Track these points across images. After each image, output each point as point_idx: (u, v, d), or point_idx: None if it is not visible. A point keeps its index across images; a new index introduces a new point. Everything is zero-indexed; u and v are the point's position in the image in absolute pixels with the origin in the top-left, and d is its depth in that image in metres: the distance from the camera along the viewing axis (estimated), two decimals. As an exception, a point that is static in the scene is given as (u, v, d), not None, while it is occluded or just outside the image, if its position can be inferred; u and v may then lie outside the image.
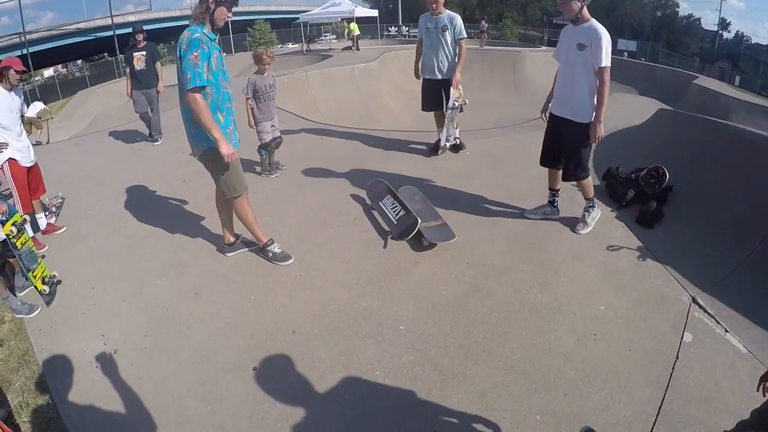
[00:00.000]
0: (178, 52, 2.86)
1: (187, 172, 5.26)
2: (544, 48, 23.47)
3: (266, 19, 37.18)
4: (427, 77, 5.12)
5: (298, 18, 30.04)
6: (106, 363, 2.69)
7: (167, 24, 36.35)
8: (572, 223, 3.95)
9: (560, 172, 3.80)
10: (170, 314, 3.04)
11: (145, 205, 4.64)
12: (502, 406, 2.36)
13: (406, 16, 40.88)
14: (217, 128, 2.92)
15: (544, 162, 3.89)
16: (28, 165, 4.00)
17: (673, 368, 2.63)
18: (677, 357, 2.71)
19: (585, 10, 3.36)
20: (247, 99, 4.71)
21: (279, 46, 33.87)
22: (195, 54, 2.79)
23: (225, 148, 2.93)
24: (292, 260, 3.48)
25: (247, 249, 3.65)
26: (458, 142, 5.55)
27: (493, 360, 2.60)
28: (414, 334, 2.76)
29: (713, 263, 3.50)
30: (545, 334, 2.80)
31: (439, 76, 5.04)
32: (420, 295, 3.06)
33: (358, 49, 20.11)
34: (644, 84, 15.48)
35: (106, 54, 36.42)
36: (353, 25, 21.90)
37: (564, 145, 3.67)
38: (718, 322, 3.01)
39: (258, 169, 5.14)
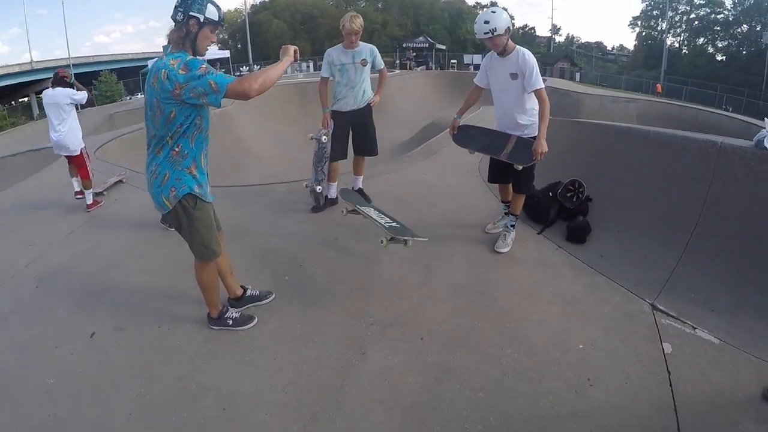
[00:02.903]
0: (169, 79, 2.50)
1: None
2: (397, 71, 25.44)
3: (112, 70, 36.38)
4: (344, 110, 4.88)
5: (146, 65, 28.94)
6: None
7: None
8: (510, 251, 4.14)
9: (509, 185, 4.25)
10: None
11: None
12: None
13: (256, 54, 41.95)
14: (280, 64, 2.76)
15: (494, 179, 4.38)
16: (61, 154, 5.84)
17: (671, 385, 2.71)
18: (669, 372, 2.80)
19: (509, 42, 3.78)
20: None
21: (128, 97, 32.53)
22: (203, 67, 2.53)
23: (289, 52, 2.79)
24: (256, 320, 3.32)
25: (258, 304, 3.49)
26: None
27: (506, 453, 2.32)
28: (403, 453, 2.34)
29: (655, 264, 3.75)
30: (542, 397, 2.63)
31: (357, 107, 4.88)
32: (387, 399, 2.65)
33: None
34: (497, 94, 17.14)
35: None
36: None
37: None
38: (684, 322, 3.20)
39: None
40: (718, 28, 46.64)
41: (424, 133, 9.95)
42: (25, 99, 38.88)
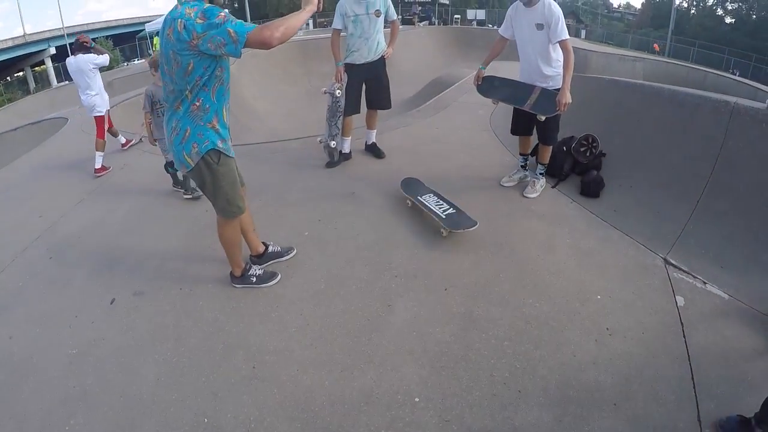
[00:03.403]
0: (187, 29, 2.44)
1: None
2: (400, 27, 25.19)
3: (107, 37, 36.23)
4: (358, 63, 4.88)
5: (143, 29, 28.25)
6: None
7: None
8: (522, 204, 4.30)
9: (530, 138, 4.49)
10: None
11: None
12: (569, 446, 2.25)
13: (254, 13, 41.08)
14: (302, 12, 2.59)
15: (516, 131, 4.50)
16: (91, 114, 6.05)
17: (684, 336, 2.85)
18: (682, 324, 2.94)
19: None
20: (146, 113, 4.68)
21: (125, 64, 32.30)
22: (222, 14, 2.44)
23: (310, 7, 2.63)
24: (279, 277, 3.39)
25: (279, 260, 3.56)
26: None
27: (533, 398, 2.46)
28: (435, 402, 2.46)
29: (667, 219, 3.88)
30: (564, 345, 2.77)
31: (371, 59, 4.90)
32: (415, 348, 2.77)
33: None
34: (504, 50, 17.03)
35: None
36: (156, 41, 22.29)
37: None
38: (695, 277, 3.34)
39: (180, 190, 4.88)
40: (729, -11, 45.69)
41: (429, 89, 9.93)
42: (21, 73, 37.48)
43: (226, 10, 2.50)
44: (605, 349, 2.75)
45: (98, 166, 5.81)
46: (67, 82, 30.83)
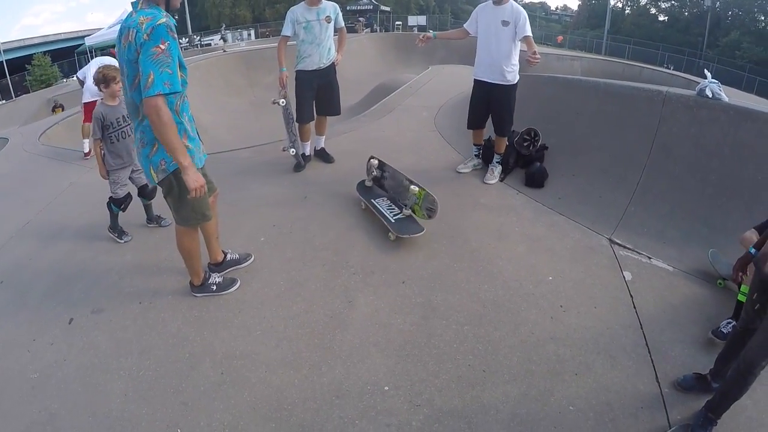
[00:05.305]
0: (135, 40, 2.38)
1: None
2: None
3: (45, 52, 34.22)
4: (310, 69, 4.89)
5: (83, 44, 26.91)
6: None
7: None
8: (471, 198, 4.50)
9: (483, 130, 4.81)
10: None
11: None
12: (536, 416, 2.37)
13: (195, 24, 40.28)
14: (185, 152, 2.55)
15: (472, 125, 4.80)
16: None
17: (635, 307, 3.05)
18: (631, 296, 3.14)
19: None
20: (96, 140, 3.96)
21: (63, 80, 30.96)
22: (163, 46, 2.34)
23: (193, 178, 2.56)
24: (239, 283, 3.37)
25: (237, 267, 3.55)
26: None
27: (498, 376, 2.58)
28: (404, 389, 2.54)
29: (609, 203, 4.12)
30: (522, 325, 2.91)
31: (323, 65, 4.94)
32: (380, 340, 2.84)
33: None
34: (443, 53, 17.36)
35: None
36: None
37: (495, 106, 4.55)
38: (640, 253, 3.57)
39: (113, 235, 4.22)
40: (662, -11, 47.87)
41: (374, 95, 10.08)
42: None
43: (170, 40, 2.43)
44: (561, 324, 2.91)
45: (86, 150, 6.63)
46: (4, 101, 29.37)
